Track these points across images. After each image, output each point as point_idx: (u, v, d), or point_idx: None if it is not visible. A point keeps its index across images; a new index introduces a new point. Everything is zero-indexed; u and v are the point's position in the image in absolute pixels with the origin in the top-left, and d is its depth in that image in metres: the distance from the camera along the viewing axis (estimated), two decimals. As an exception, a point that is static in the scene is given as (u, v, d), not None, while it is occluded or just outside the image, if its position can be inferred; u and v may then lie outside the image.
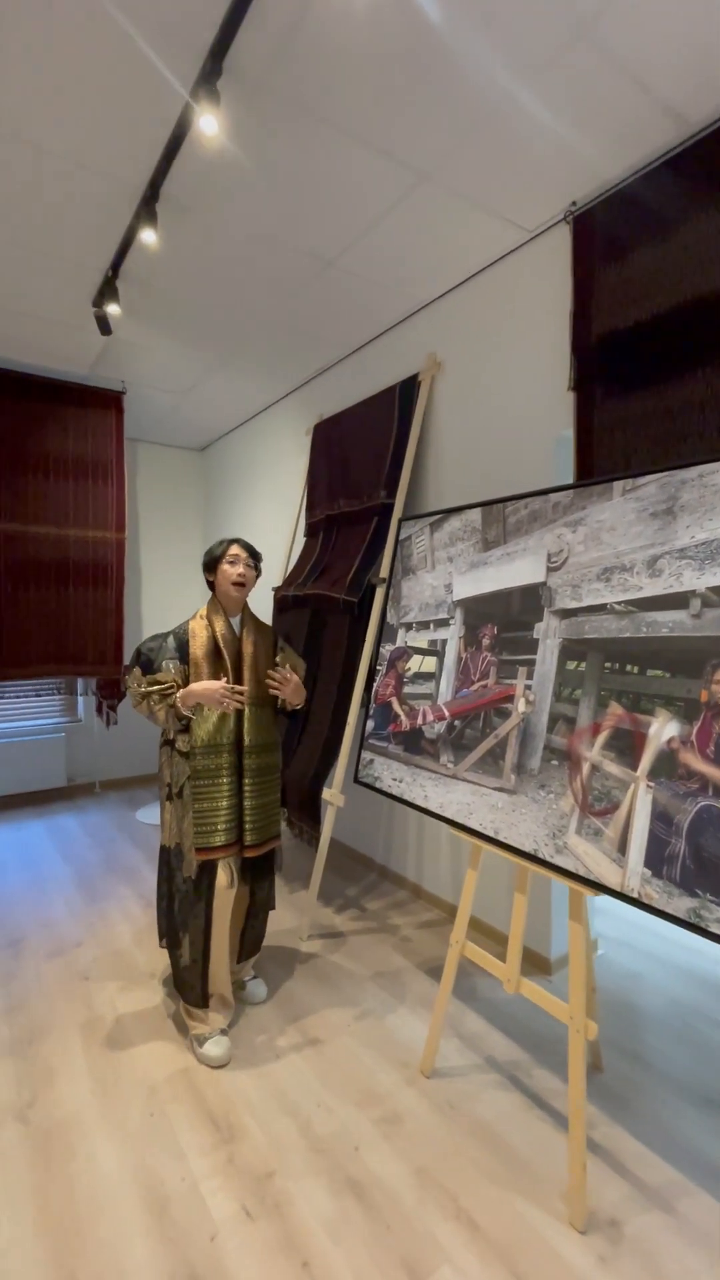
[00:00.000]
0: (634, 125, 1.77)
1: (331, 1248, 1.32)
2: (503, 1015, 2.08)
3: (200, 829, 1.84)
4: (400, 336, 2.96)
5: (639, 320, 1.91)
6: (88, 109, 1.74)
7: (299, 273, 2.52)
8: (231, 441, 4.60)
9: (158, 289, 2.66)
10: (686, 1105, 1.71)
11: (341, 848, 3.44)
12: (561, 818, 1.51)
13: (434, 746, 1.92)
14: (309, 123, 1.77)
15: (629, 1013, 2.10)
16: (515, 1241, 1.33)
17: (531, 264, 2.31)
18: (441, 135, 1.81)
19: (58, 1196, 1.43)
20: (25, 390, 3.49)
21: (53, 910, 2.79)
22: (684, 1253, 1.31)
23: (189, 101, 1.66)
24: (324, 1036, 1.97)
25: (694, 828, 1.26)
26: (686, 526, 1.39)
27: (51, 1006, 2.11)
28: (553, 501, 1.72)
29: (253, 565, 1.99)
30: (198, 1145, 1.57)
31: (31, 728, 4.32)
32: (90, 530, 3.68)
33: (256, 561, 2.01)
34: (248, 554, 1.99)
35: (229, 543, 1.99)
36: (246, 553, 1.99)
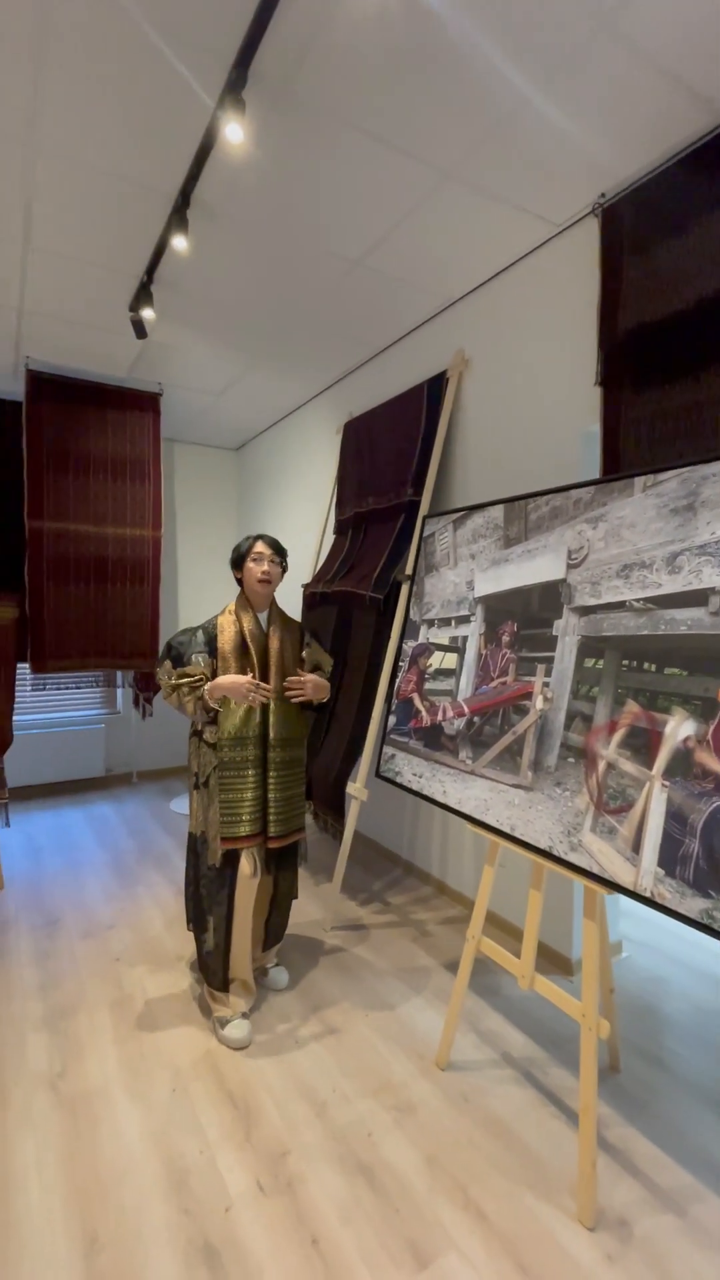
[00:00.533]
0: (662, 114, 1.74)
1: (340, 1227, 1.35)
2: (521, 1013, 2.07)
3: (226, 819, 1.89)
4: (429, 334, 2.96)
5: (668, 313, 1.88)
6: (125, 124, 1.80)
7: (326, 273, 2.56)
8: (265, 441, 4.68)
9: (190, 293, 2.73)
10: (704, 1110, 1.68)
11: (367, 842, 3.48)
12: (577, 815, 1.50)
13: (453, 743, 1.94)
14: (331, 125, 1.80)
15: (650, 1016, 2.08)
16: (522, 1234, 1.34)
17: (560, 258, 2.29)
18: (462, 133, 1.82)
19: (83, 1162, 1.51)
20: (68, 393, 3.62)
21: (88, 894, 2.91)
22: (694, 1256, 1.29)
23: (216, 111, 1.71)
24: (343, 1025, 2.00)
25: (708, 828, 1.24)
26: (707, 523, 1.37)
27: (83, 985, 2.21)
28: (574, 498, 1.71)
29: (278, 562, 2.03)
30: (217, 1122, 1.62)
31: (72, 719, 4.49)
32: (128, 528, 3.80)
33: (282, 558, 2.05)
34: (273, 551, 2.02)
35: (254, 539, 2.03)
36: (272, 550, 2.02)
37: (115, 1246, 1.31)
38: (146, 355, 3.42)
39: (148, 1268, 1.27)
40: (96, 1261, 1.28)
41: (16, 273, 2.59)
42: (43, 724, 4.36)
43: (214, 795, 1.92)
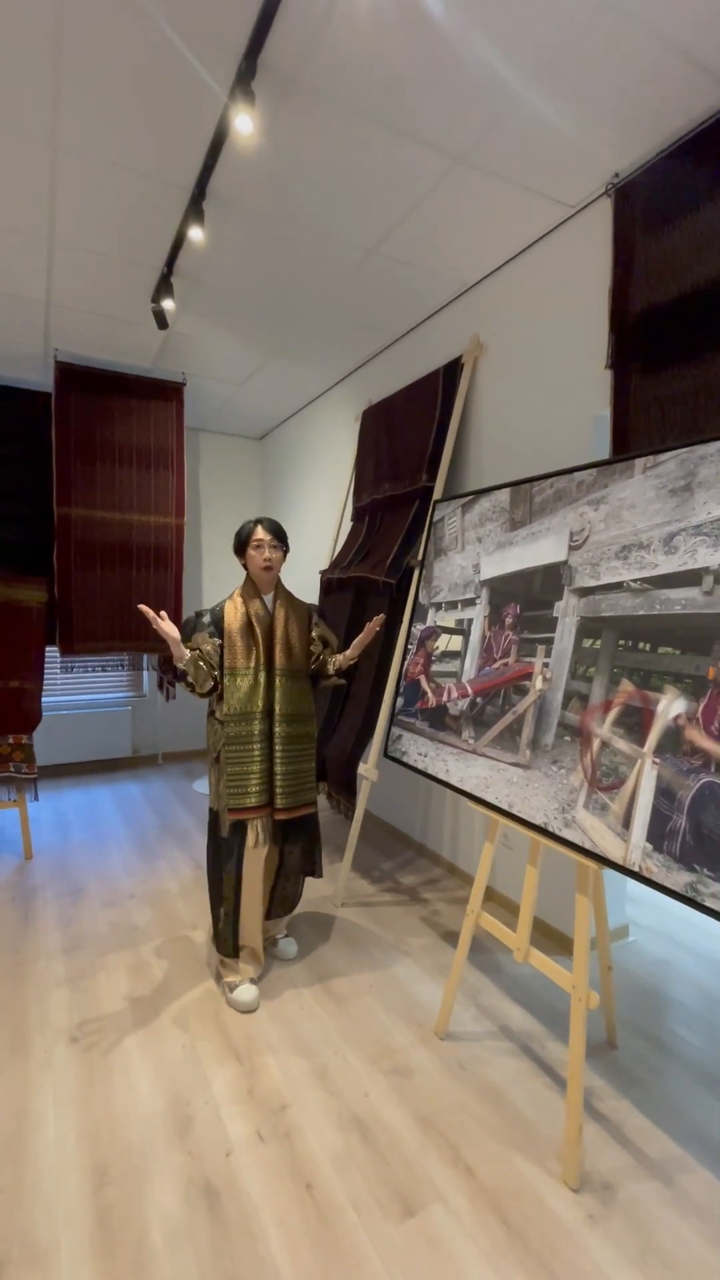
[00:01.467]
0: (673, 91, 1.72)
1: (334, 1175, 1.42)
2: (522, 990, 2.11)
3: (233, 790, 1.97)
4: (446, 319, 2.97)
5: (678, 294, 1.86)
6: (140, 118, 1.86)
7: (342, 261, 2.58)
8: (287, 429, 4.73)
9: (209, 284, 2.79)
10: (699, 1088, 1.70)
11: (381, 824, 3.54)
12: (571, 792, 1.53)
13: (457, 723, 1.97)
14: (339, 113, 1.82)
15: (653, 997, 2.09)
16: (508, 1191, 1.39)
17: (574, 240, 2.27)
18: (472, 118, 1.82)
19: (97, 1105, 1.61)
20: (95, 384, 3.73)
21: (111, 866, 3.04)
22: (676, 1223, 1.33)
23: (227, 103, 1.76)
24: (347, 995, 2.07)
25: (695, 804, 1.26)
26: (704, 503, 1.37)
27: (103, 949, 2.33)
28: (577, 480, 1.72)
29: (278, 546, 2.07)
30: (222, 1076, 1.71)
31: (100, 701, 4.65)
32: (152, 515, 3.90)
33: (282, 542, 2.09)
34: (273, 536, 2.05)
35: (254, 525, 2.05)
36: (272, 535, 2.05)
37: (122, 1180, 1.40)
38: (169, 346, 3.50)
39: (151, 1200, 1.36)
40: (105, 1192, 1.38)
41: (43, 267, 2.68)
42: (72, 705, 4.52)
43: (223, 769, 2.00)
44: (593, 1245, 1.27)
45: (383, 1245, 1.27)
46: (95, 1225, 1.31)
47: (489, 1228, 1.31)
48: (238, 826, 2.00)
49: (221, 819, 2.02)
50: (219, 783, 2.03)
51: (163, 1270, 1.22)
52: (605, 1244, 1.28)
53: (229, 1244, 1.28)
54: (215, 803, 2.06)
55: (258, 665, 2.02)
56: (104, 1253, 1.26)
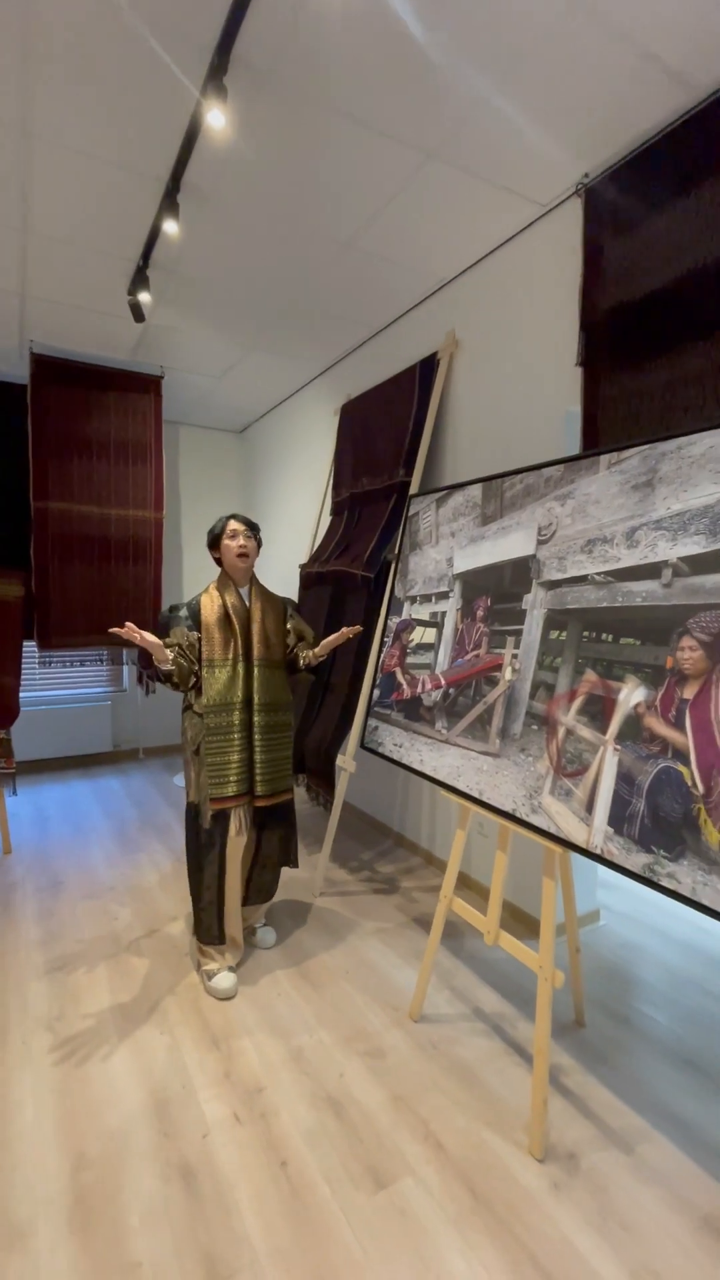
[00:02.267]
0: (640, 94, 1.76)
1: (307, 1152, 1.46)
2: (495, 974, 2.17)
3: (214, 780, 1.99)
4: (422, 315, 2.99)
5: (646, 292, 1.90)
6: (112, 110, 1.85)
7: (319, 256, 2.59)
8: (267, 423, 4.73)
9: (186, 277, 2.78)
10: (663, 1064, 1.77)
11: (360, 815, 3.58)
12: (538, 779, 1.57)
13: (430, 713, 2.01)
14: (312, 109, 1.84)
15: (621, 979, 2.16)
16: (476, 1163, 1.44)
17: (546, 239, 2.31)
18: (443, 114, 1.85)
19: (74, 1091, 1.63)
20: (71, 376, 3.70)
21: (91, 859, 3.05)
22: (635, 1188, 1.38)
23: (199, 97, 1.76)
24: (324, 980, 2.11)
25: (653, 788, 1.31)
26: (664, 498, 1.42)
27: (83, 940, 2.34)
28: (545, 476, 1.76)
29: (252, 536, 2.13)
30: (199, 1061, 1.74)
31: (80, 695, 4.63)
32: (130, 509, 3.89)
33: (255, 533, 2.15)
34: (246, 527, 2.12)
35: (227, 519, 2.13)
36: (245, 526, 2.12)
37: (100, 1164, 1.43)
38: (147, 338, 3.48)
39: (128, 1182, 1.39)
40: (82, 1176, 1.40)
41: (17, 258, 2.66)
42: (51, 700, 4.50)
43: (203, 760, 2.02)
44: (556, 1211, 1.33)
45: (354, 1216, 1.31)
46: (73, 1206, 1.34)
47: (457, 1197, 1.35)
48: (219, 816, 2.03)
49: (203, 811, 2.04)
50: (199, 775, 2.05)
51: (139, 1247, 1.26)
52: (568, 1209, 1.33)
53: (204, 1220, 1.31)
54: (195, 796, 2.08)
55: (236, 656, 2.04)
56: (82, 1232, 1.28)
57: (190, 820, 2.12)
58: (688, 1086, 1.68)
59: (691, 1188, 1.39)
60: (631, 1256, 1.24)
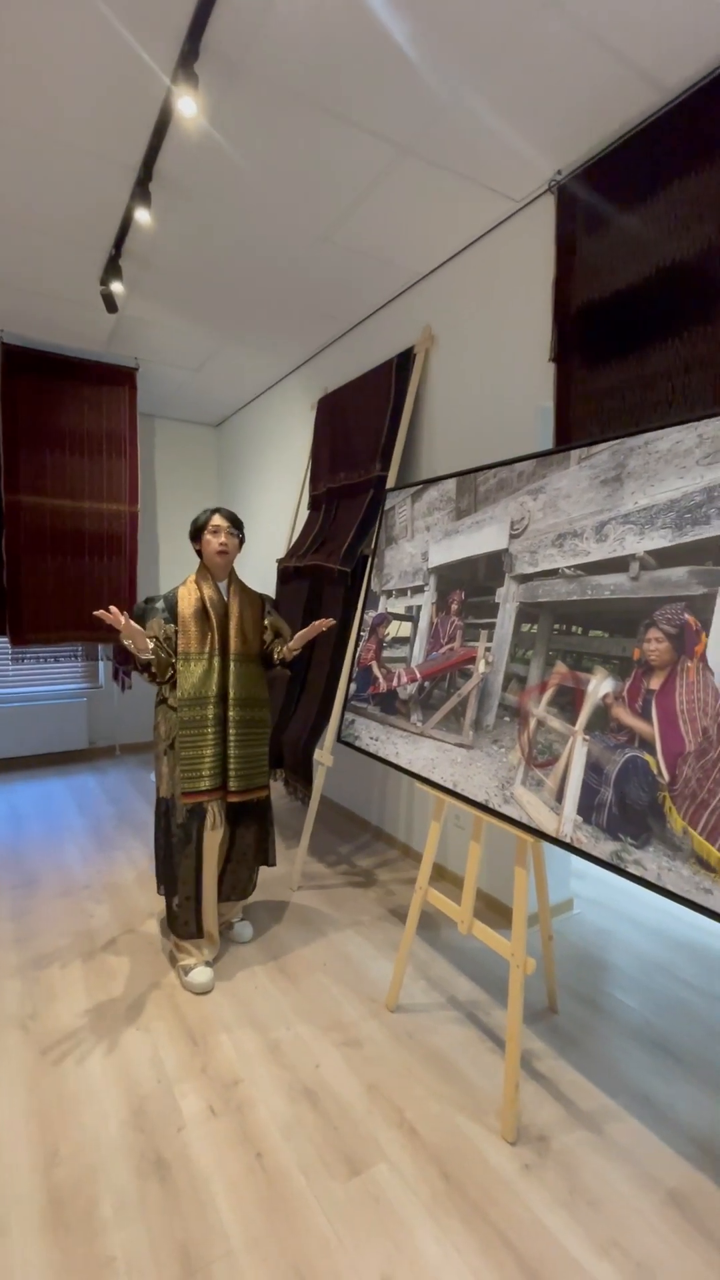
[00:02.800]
0: (611, 92, 1.78)
1: (283, 1143, 1.47)
2: (470, 963, 2.20)
3: (187, 774, 1.98)
4: (398, 310, 2.99)
5: (616, 290, 1.93)
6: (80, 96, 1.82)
7: (294, 249, 2.58)
8: (244, 417, 4.70)
9: (160, 267, 2.75)
10: (633, 1046, 1.81)
11: (338, 809, 3.59)
12: (510, 770, 1.60)
13: (405, 707, 2.03)
14: (285, 99, 1.82)
15: (593, 965, 2.20)
16: (449, 1148, 1.46)
17: (520, 235, 2.33)
18: (416, 108, 1.85)
19: (48, 1089, 1.62)
20: (44, 367, 3.64)
21: (66, 856, 3.01)
22: (604, 1166, 1.42)
23: (170, 85, 1.74)
24: (301, 974, 2.12)
25: (620, 777, 1.34)
26: (631, 493, 1.45)
27: (57, 938, 2.32)
28: (518, 470, 1.78)
29: (234, 533, 2.11)
30: (175, 1055, 1.74)
31: (55, 692, 4.56)
32: (104, 503, 3.84)
33: (238, 529, 2.13)
34: (229, 523, 2.10)
35: (211, 513, 2.11)
36: (228, 522, 2.10)
37: (74, 1160, 1.42)
38: (121, 330, 3.43)
39: (102, 1178, 1.38)
40: (55, 1172, 1.40)
41: (-15, 244, 2.60)
42: (25, 697, 4.43)
43: (176, 754, 2.01)
44: (526, 1192, 1.36)
45: (328, 1204, 1.33)
46: (46, 1203, 1.33)
47: (430, 1182, 1.38)
48: (195, 811, 2.02)
49: (176, 805, 2.03)
50: (171, 770, 2.04)
51: (114, 1241, 1.25)
52: (538, 1190, 1.36)
53: (179, 1213, 1.31)
54: (167, 791, 2.07)
55: (212, 650, 2.04)
56: (55, 1229, 1.28)
57: (160, 815, 2.10)
58: (656, 1067, 1.73)
59: (658, 1164, 1.43)
60: (600, 1232, 1.27)
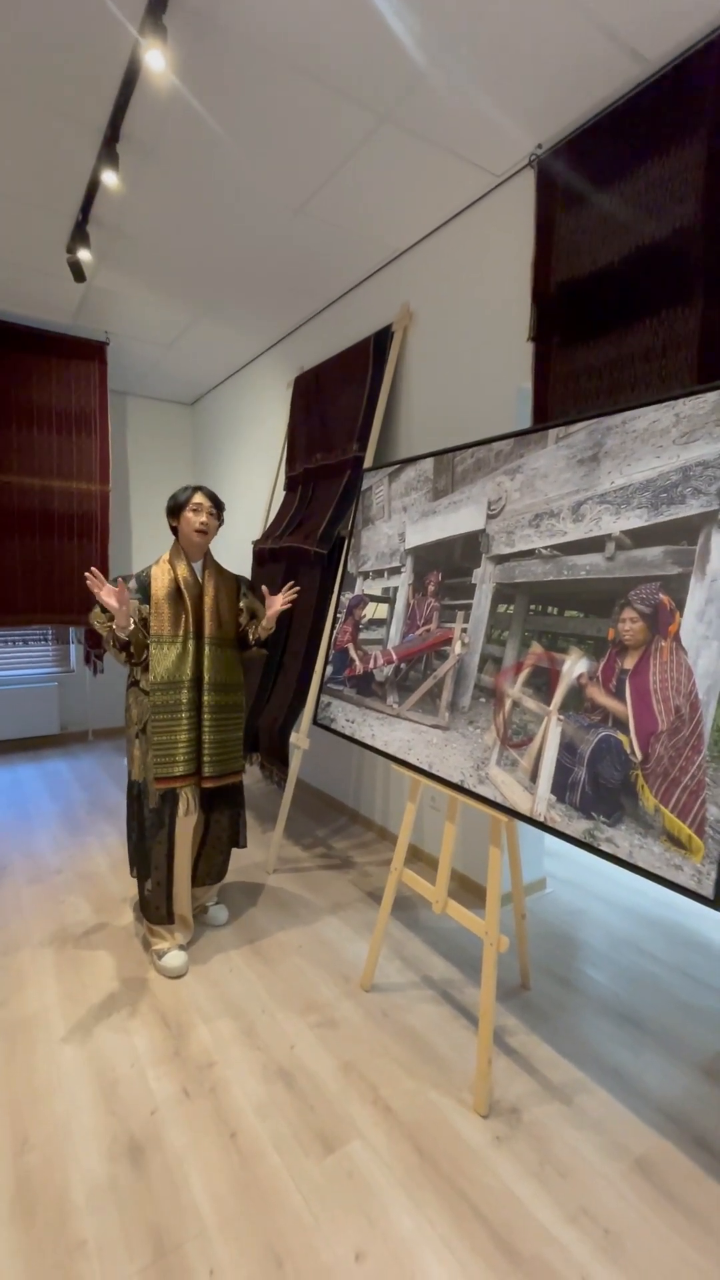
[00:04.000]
0: (593, 65, 1.74)
1: (258, 1122, 1.47)
2: (444, 942, 2.21)
3: (160, 760, 1.95)
4: (376, 286, 2.94)
5: (594, 269, 1.91)
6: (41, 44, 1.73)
7: (269, 220, 2.51)
8: (219, 395, 4.60)
9: (129, 236, 2.65)
10: (603, 1020, 1.84)
11: (315, 793, 3.58)
12: (485, 750, 1.60)
13: (382, 689, 2.01)
14: (259, 58, 1.75)
15: (565, 943, 2.24)
16: (422, 1123, 1.48)
17: (500, 210, 2.29)
18: (395, 74, 1.79)
19: (18, 1077, 1.59)
20: (8, 340, 3.50)
21: (37, 843, 2.96)
22: (573, 1136, 1.45)
23: (137, 36, 1.66)
24: (276, 956, 2.11)
25: (594, 756, 1.34)
26: (608, 472, 1.44)
27: (27, 925, 2.28)
28: (495, 450, 1.76)
29: (215, 514, 2.06)
30: (148, 1040, 1.72)
31: (25, 676, 4.45)
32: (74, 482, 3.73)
33: (219, 510, 2.08)
34: (211, 503, 2.05)
35: (193, 490, 2.05)
36: (210, 501, 2.04)
37: (44, 1146, 1.40)
38: (90, 302, 3.32)
39: (74, 1163, 1.37)
40: (26, 1159, 1.37)
41: (-57, 206, 2.48)
42: (-7, 681, 4.32)
43: (149, 738, 1.97)
44: (498, 1163, 1.38)
45: (302, 1181, 1.33)
46: (15, 1191, 1.31)
47: (403, 1157, 1.39)
48: (168, 795, 1.99)
49: (149, 789, 2.00)
50: (145, 754, 2.00)
51: (84, 1226, 1.24)
52: (509, 1161, 1.38)
53: (151, 1196, 1.30)
54: (140, 774, 2.03)
55: (186, 633, 1.99)
56: (24, 1216, 1.26)
57: (133, 799, 2.07)
58: (624, 1040, 1.76)
59: (625, 1133, 1.46)
60: (569, 1200, 1.30)
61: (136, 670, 2.03)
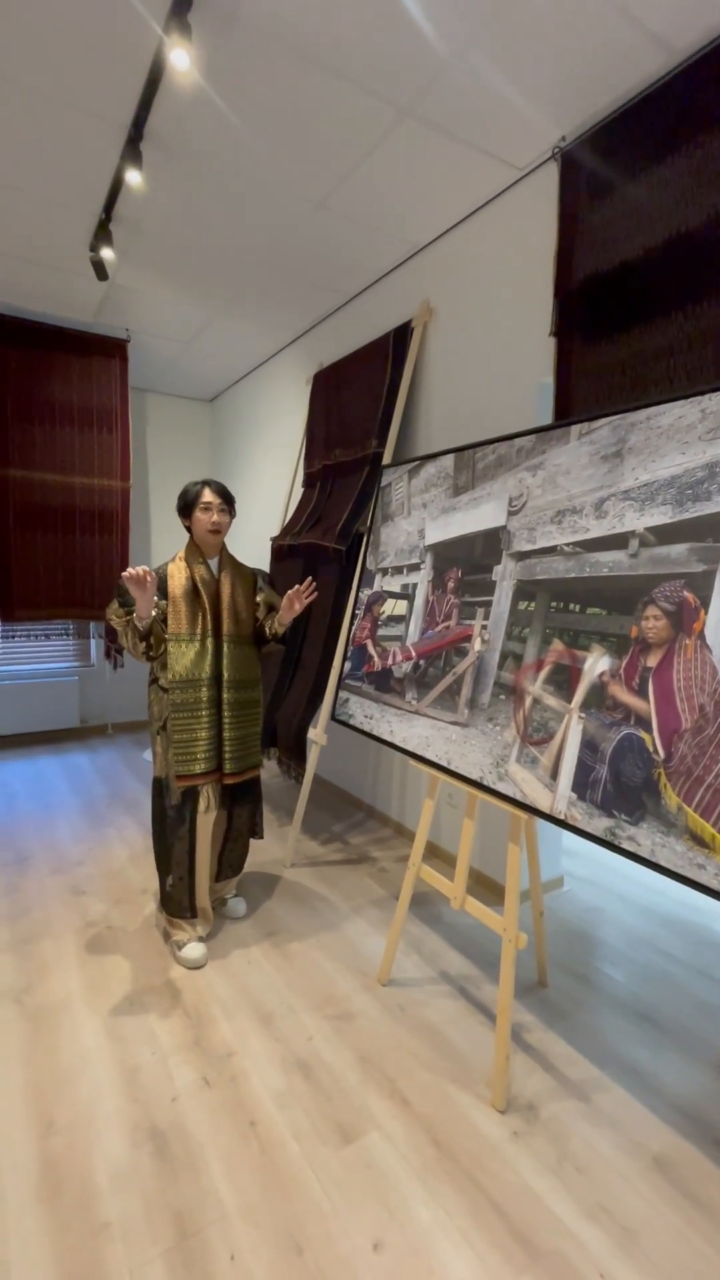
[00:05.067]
0: (618, 54, 1.72)
1: (277, 1112, 1.49)
2: (462, 938, 2.22)
3: (180, 758, 1.96)
4: (396, 282, 2.93)
5: (621, 261, 1.89)
6: (69, 45, 1.74)
7: (290, 216, 2.51)
8: (238, 392, 4.62)
9: (151, 233, 2.67)
10: (620, 1019, 1.84)
11: (332, 788, 3.60)
12: (505, 748, 1.60)
13: (401, 685, 2.02)
14: (282, 54, 1.76)
15: (584, 941, 2.23)
16: (440, 1116, 1.48)
17: (522, 205, 2.27)
18: (417, 67, 1.78)
19: (43, 1061, 1.63)
20: (30, 337, 3.55)
21: (58, 834, 3.01)
22: (590, 1133, 1.45)
23: (162, 35, 1.67)
24: (294, 949, 2.13)
25: (615, 754, 1.34)
26: (632, 469, 1.43)
27: (50, 914, 2.32)
28: (517, 446, 1.75)
29: (227, 510, 2.05)
30: (169, 1029, 1.75)
31: (46, 670, 4.52)
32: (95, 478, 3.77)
33: (230, 504, 2.07)
34: (221, 499, 2.03)
35: (201, 486, 2.03)
36: (220, 498, 2.03)
37: (69, 1130, 1.44)
38: (112, 299, 3.35)
39: (98, 1146, 1.40)
40: (52, 1142, 1.41)
41: (-31, 206, 2.51)
42: (15, 675, 4.39)
43: (169, 736, 1.99)
44: (515, 1158, 1.38)
45: (321, 1171, 1.35)
46: (41, 1172, 1.34)
47: (421, 1149, 1.40)
48: (189, 793, 2.01)
49: (170, 786, 2.02)
50: (166, 751, 2.03)
51: (109, 1208, 1.27)
52: (527, 1156, 1.39)
53: (174, 1180, 1.33)
54: (162, 770, 2.06)
55: (204, 632, 2.00)
56: (50, 1196, 1.29)
57: (156, 795, 2.09)
58: (642, 1038, 1.76)
59: (643, 1131, 1.46)
60: (586, 1196, 1.30)
61: (156, 666, 2.05)
